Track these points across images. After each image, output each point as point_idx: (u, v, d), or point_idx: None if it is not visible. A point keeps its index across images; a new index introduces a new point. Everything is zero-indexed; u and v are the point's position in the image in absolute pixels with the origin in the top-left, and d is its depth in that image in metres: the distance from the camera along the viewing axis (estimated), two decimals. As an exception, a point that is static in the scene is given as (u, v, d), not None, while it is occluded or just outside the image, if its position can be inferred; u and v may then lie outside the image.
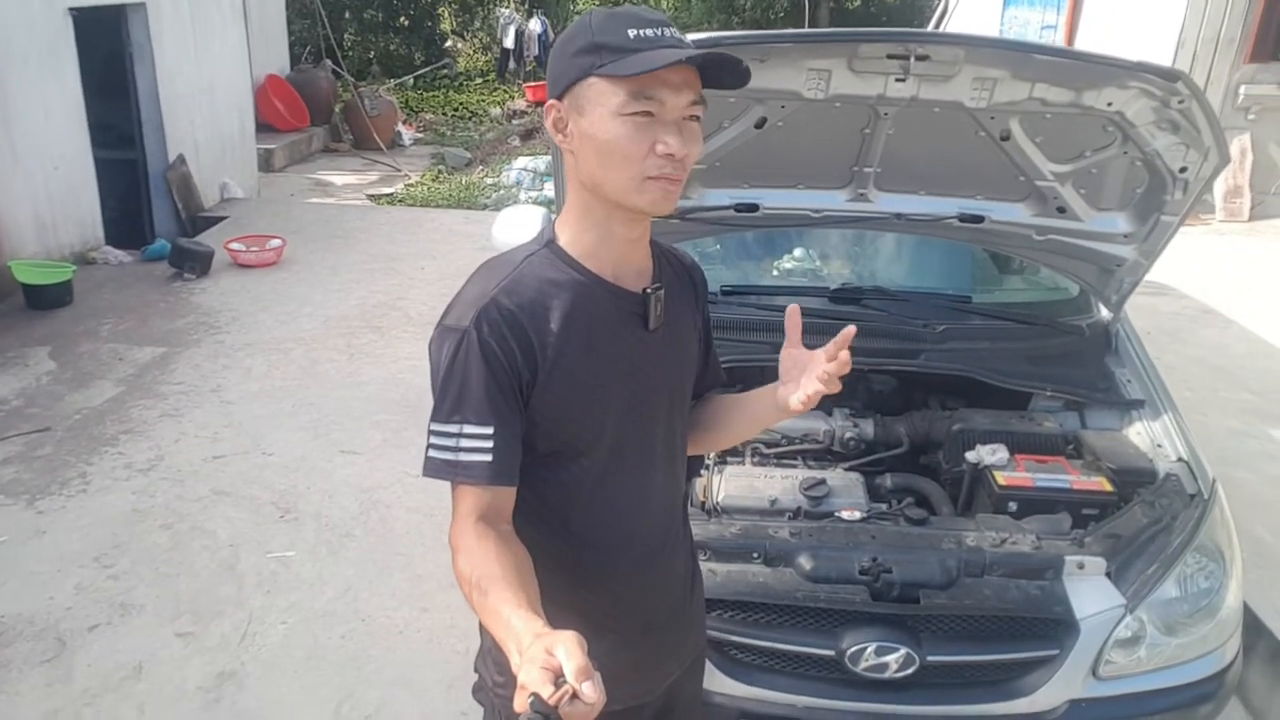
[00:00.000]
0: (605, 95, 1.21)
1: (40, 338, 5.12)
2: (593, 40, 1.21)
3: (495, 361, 1.24)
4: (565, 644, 0.99)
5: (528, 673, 0.98)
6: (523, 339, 1.26)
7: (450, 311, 1.29)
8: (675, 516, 1.52)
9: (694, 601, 1.62)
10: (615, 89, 1.20)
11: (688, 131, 1.23)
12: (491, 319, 1.24)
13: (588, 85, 1.22)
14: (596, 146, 1.23)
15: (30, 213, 5.76)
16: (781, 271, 2.96)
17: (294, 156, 10.46)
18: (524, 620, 1.08)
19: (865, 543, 2.10)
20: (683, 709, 1.65)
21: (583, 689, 0.95)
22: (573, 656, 0.97)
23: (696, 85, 1.22)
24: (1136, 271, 2.53)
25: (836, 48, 2.03)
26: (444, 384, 1.26)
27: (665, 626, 1.52)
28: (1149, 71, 1.96)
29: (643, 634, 1.47)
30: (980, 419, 2.48)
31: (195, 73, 7.38)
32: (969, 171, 2.39)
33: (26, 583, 3.20)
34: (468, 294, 1.30)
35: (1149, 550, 2.12)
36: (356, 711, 2.73)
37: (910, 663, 1.96)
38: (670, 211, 1.27)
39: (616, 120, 1.20)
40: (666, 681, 1.56)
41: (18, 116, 5.57)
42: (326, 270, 6.40)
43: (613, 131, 1.21)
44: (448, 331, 1.27)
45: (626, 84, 1.19)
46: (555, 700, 0.94)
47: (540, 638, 1.02)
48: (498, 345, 1.24)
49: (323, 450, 4.06)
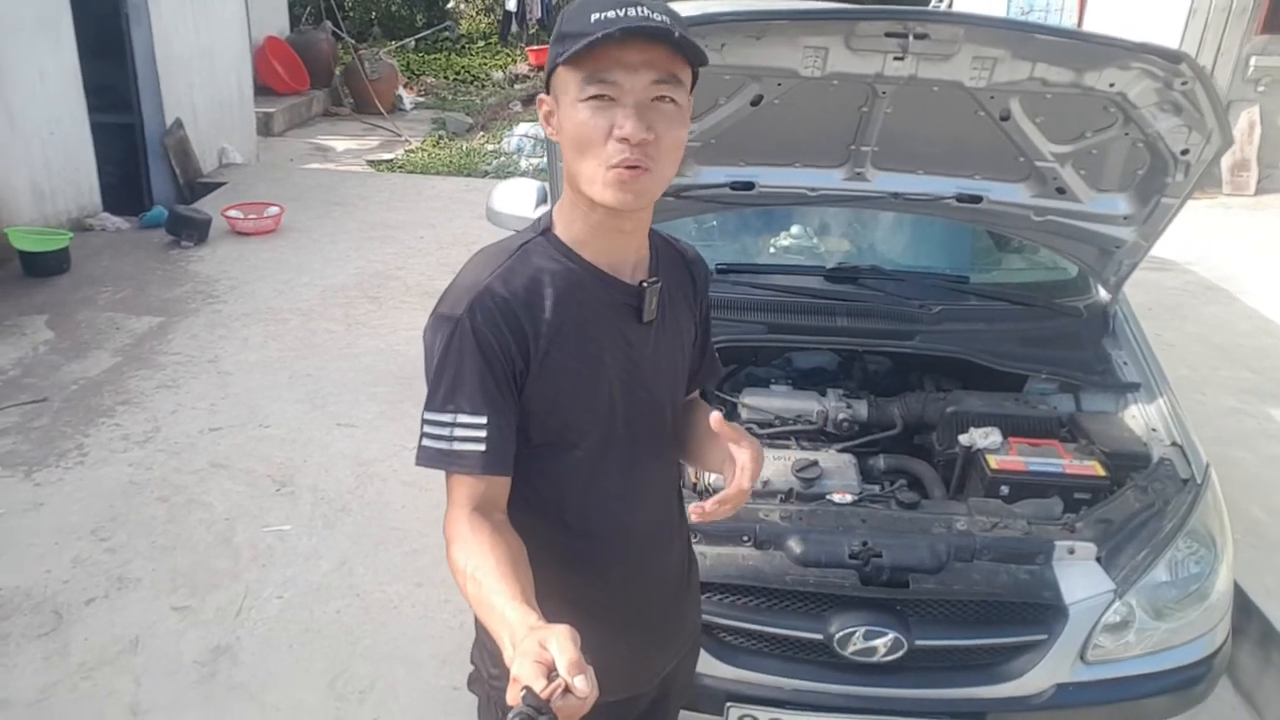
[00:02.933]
0: (568, 83, 1.19)
1: (37, 306, 5.11)
2: (560, 30, 1.20)
3: (489, 350, 1.23)
4: (558, 638, 0.99)
5: (520, 666, 0.98)
6: (516, 328, 1.25)
7: (445, 299, 1.28)
8: (670, 506, 1.52)
9: (689, 592, 1.61)
10: (573, 75, 1.18)
11: (655, 113, 1.17)
12: (485, 307, 1.23)
13: (556, 76, 1.22)
14: (568, 137, 1.21)
15: (26, 179, 5.72)
16: (778, 250, 2.94)
17: (294, 120, 10.36)
18: (518, 613, 1.08)
19: (855, 526, 2.10)
20: (675, 695, 1.66)
21: (575, 683, 0.95)
22: (565, 650, 0.97)
23: (664, 64, 1.17)
24: (1136, 253, 2.50)
25: (834, 25, 1.99)
26: (438, 372, 1.25)
27: (659, 616, 1.51)
28: (1152, 53, 1.92)
29: (636, 624, 1.46)
30: (974, 401, 2.47)
31: (193, 34, 7.28)
32: (968, 151, 2.36)
33: (24, 555, 3.22)
34: (462, 281, 1.29)
35: (1140, 535, 2.12)
36: (350, 686, 2.75)
37: (899, 647, 1.97)
38: (638, 205, 1.23)
39: (577, 107, 1.18)
40: (661, 674, 1.55)
41: (12, 80, 5.50)
42: (325, 238, 6.37)
43: (576, 119, 1.19)
44: (442, 320, 1.26)
45: (581, 68, 1.16)
46: (547, 694, 0.95)
47: (533, 631, 1.02)
48: (491, 334, 1.23)
49: (319, 423, 4.06)
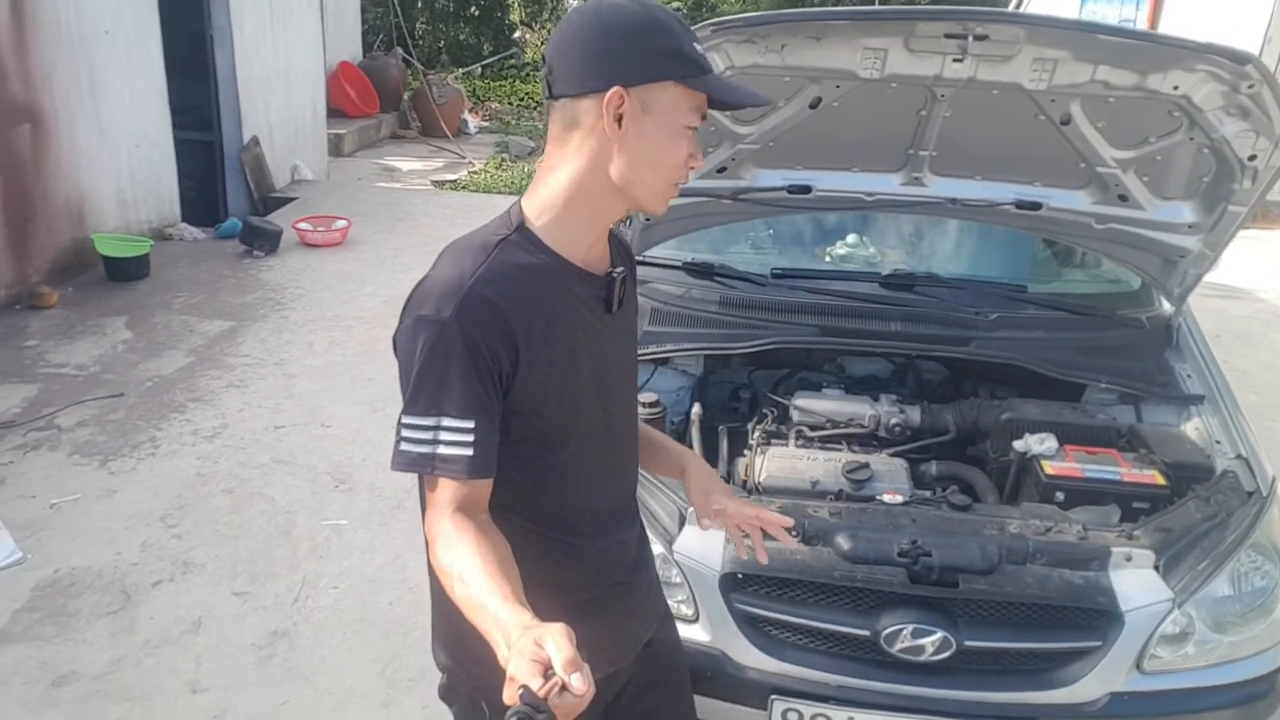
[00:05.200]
0: (679, 103, 1.23)
1: (118, 308, 5.33)
2: (679, 45, 1.21)
3: (477, 353, 1.21)
4: (554, 636, 1.00)
5: (517, 665, 0.98)
6: (505, 331, 1.23)
7: (425, 301, 1.24)
8: (633, 486, 1.55)
9: (649, 562, 1.63)
10: (689, 99, 1.23)
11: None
12: (474, 310, 1.21)
13: (663, 88, 1.21)
14: (648, 148, 1.23)
15: (113, 189, 5.99)
16: (833, 256, 2.95)
17: (363, 142, 10.67)
18: (511, 612, 1.08)
19: (905, 525, 2.08)
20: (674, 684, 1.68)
21: (572, 680, 0.96)
22: (561, 649, 0.98)
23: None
24: (1201, 263, 2.46)
25: (893, 26, 2.01)
26: (420, 376, 1.22)
27: (628, 589, 1.53)
28: (1217, 54, 1.91)
29: (608, 600, 1.48)
30: (1030, 409, 2.43)
31: (272, 56, 7.58)
32: (1027, 156, 2.35)
33: (97, 538, 3.35)
34: (441, 282, 1.24)
35: (1201, 546, 2.06)
36: (400, 674, 2.80)
37: (947, 646, 1.95)
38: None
39: (677, 130, 1.24)
40: (638, 645, 1.57)
41: (105, 94, 5.79)
42: (389, 251, 6.53)
43: (671, 139, 1.24)
44: (425, 322, 1.22)
45: (695, 99, 1.23)
46: (545, 692, 0.96)
47: (528, 630, 1.03)
48: (480, 337, 1.21)
49: (378, 425, 4.16)
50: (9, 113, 5.06)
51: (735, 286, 2.67)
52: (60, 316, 5.15)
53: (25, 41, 5.11)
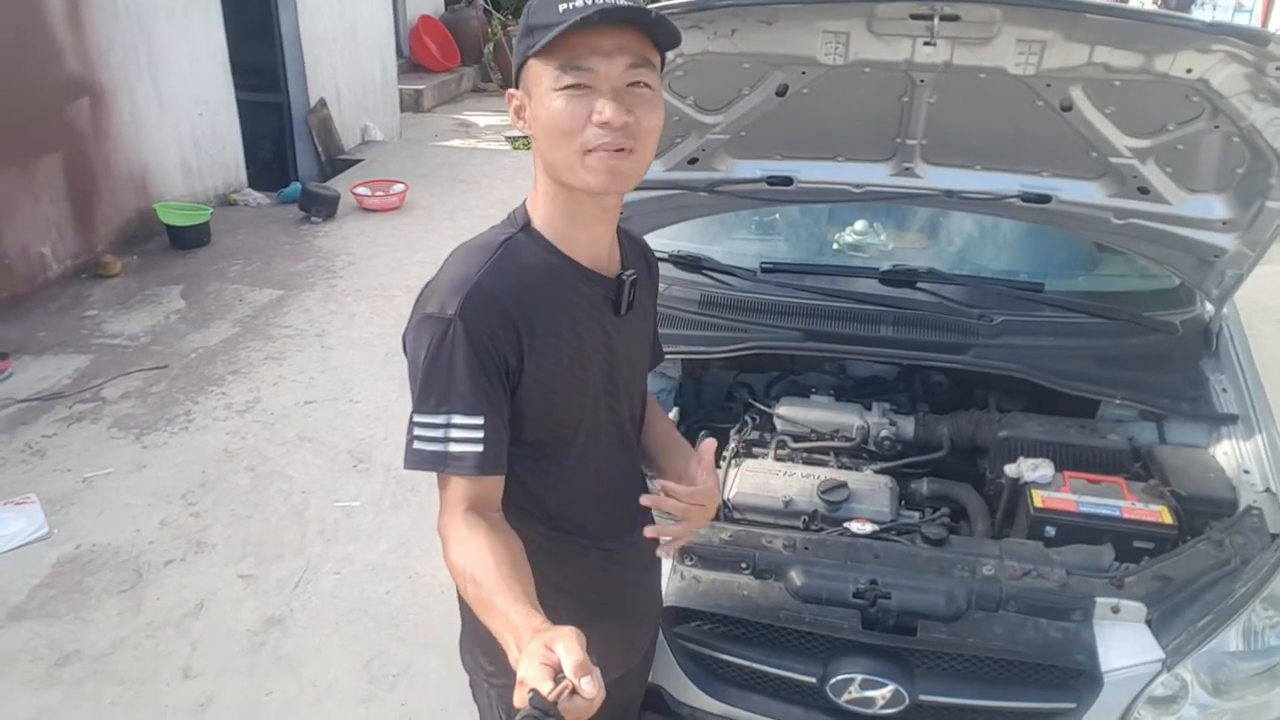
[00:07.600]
0: (541, 75, 1.20)
1: (176, 277, 5.48)
2: (528, 23, 1.20)
3: (482, 349, 1.22)
4: (564, 640, 0.99)
5: (527, 668, 0.99)
6: (508, 326, 1.24)
7: (431, 299, 1.26)
8: (640, 490, 1.49)
9: (657, 566, 1.64)
10: (546, 66, 1.18)
11: (633, 98, 1.18)
12: (477, 306, 1.22)
13: (528, 69, 1.22)
14: (542, 128, 1.21)
15: (177, 157, 6.14)
16: (828, 249, 2.71)
17: (443, 97, 10.68)
18: (522, 615, 1.09)
19: (866, 562, 1.90)
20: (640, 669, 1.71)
21: (582, 684, 0.96)
22: (572, 652, 0.98)
23: (636, 47, 1.18)
24: (1241, 263, 2.13)
25: (851, 8, 1.78)
26: (428, 374, 1.24)
27: (639, 592, 1.56)
28: (1228, 33, 1.61)
29: (620, 603, 1.49)
30: (1032, 426, 2.19)
31: (337, 15, 7.59)
32: (1030, 145, 2.07)
33: (120, 514, 3.46)
34: (448, 280, 1.26)
35: (1205, 597, 1.81)
36: (384, 669, 2.80)
37: (899, 700, 1.77)
38: (624, 187, 1.24)
39: (552, 97, 1.18)
40: (645, 645, 1.60)
41: (164, 64, 5.90)
42: (445, 216, 6.52)
43: (551, 109, 1.19)
44: (431, 320, 1.24)
45: (553, 58, 1.17)
46: (554, 696, 0.96)
47: (539, 633, 1.03)
48: (484, 333, 1.22)
49: (404, 402, 4.07)
50: (67, 88, 5.20)
51: (719, 283, 2.48)
52: (122, 285, 5.33)
53: (81, 19, 5.22)
